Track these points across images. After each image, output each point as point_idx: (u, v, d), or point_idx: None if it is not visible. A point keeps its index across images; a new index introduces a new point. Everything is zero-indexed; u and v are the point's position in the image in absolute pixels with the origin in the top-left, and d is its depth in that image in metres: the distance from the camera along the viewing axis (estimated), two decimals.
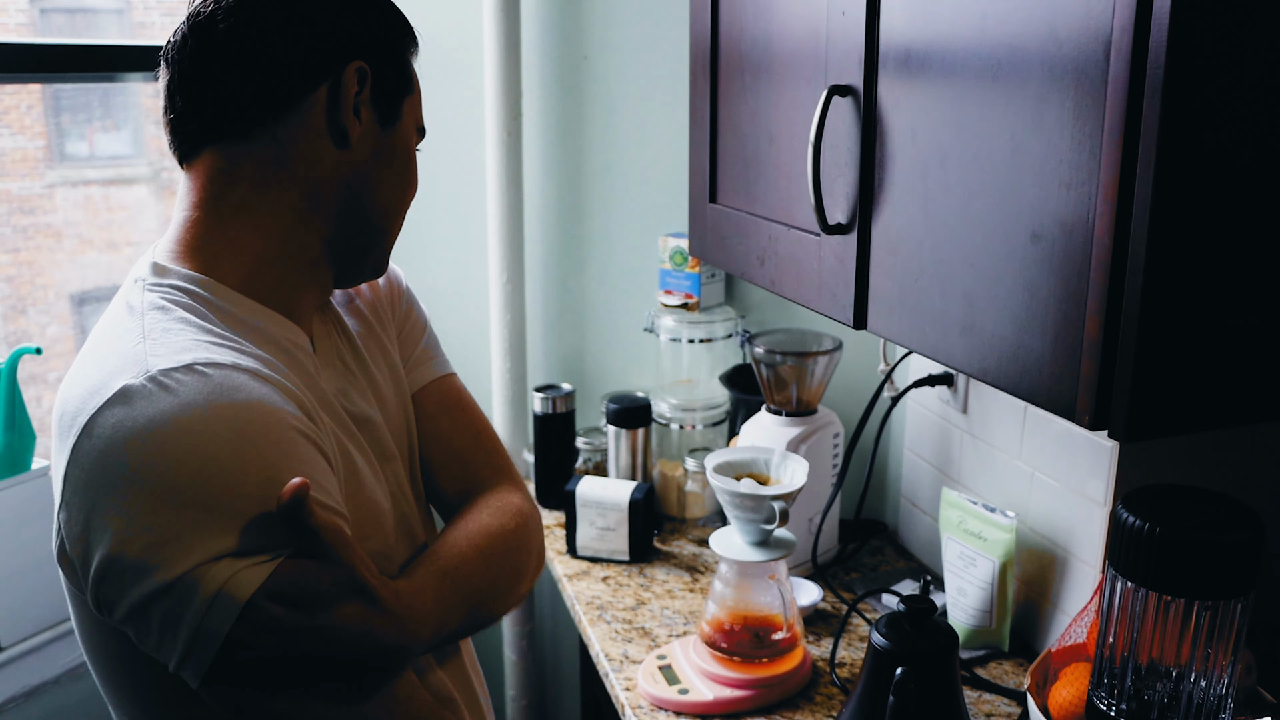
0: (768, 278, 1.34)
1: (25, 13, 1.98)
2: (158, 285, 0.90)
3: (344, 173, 0.93)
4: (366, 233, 0.97)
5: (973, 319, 0.96)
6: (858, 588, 1.70)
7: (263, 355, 0.88)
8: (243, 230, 0.91)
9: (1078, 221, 0.82)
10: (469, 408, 1.17)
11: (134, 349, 0.82)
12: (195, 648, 0.78)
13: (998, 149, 0.91)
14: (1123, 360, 0.80)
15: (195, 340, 0.84)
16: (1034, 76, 0.86)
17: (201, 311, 0.88)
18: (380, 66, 0.93)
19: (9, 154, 2.00)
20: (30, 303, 2.10)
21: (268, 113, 0.90)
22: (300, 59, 0.89)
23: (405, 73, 0.97)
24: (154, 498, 0.77)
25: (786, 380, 1.68)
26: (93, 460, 0.78)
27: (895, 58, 1.04)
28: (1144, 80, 0.75)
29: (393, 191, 0.98)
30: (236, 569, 0.78)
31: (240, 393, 0.81)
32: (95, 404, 0.79)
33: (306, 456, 0.84)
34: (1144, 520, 0.93)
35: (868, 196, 1.11)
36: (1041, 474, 1.45)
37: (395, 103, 0.96)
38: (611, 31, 1.95)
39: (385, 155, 0.95)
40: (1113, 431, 0.81)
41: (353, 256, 0.99)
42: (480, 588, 0.98)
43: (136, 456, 0.77)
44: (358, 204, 0.95)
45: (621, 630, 1.57)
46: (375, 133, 0.94)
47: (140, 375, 0.79)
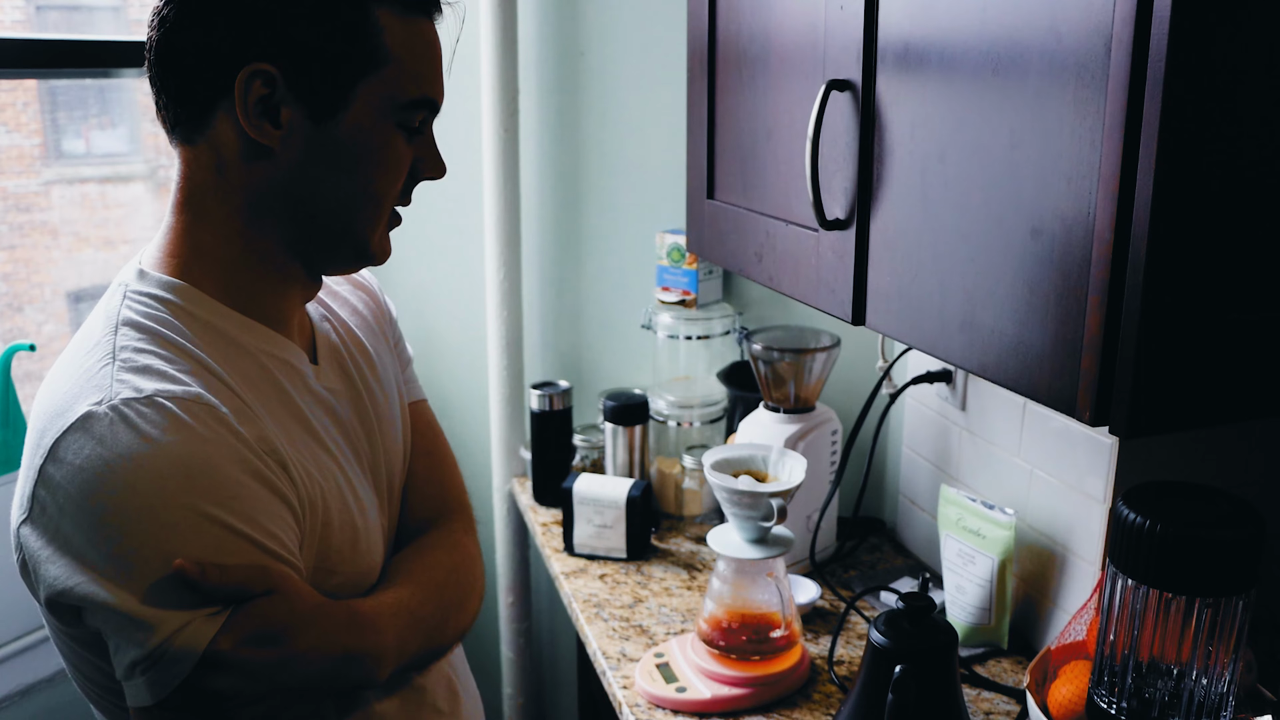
0: (766, 274, 1.34)
1: (21, 9, 1.98)
2: (137, 295, 0.90)
3: (277, 176, 0.89)
4: (323, 233, 0.93)
5: (972, 314, 0.95)
6: (856, 585, 1.69)
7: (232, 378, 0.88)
8: (206, 236, 0.91)
9: (1078, 217, 0.82)
10: (437, 436, 1.20)
11: (101, 370, 0.84)
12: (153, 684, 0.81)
13: (997, 144, 0.91)
14: (1123, 356, 0.79)
15: (162, 365, 0.85)
16: (1034, 71, 0.85)
17: (176, 325, 0.88)
18: (297, 58, 0.86)
19: (5, 151, 2.00)
20: (27, 300, 2.10)
21: (195, 119, 0.89)
22: (202, 67, 0.86)
23: (354, 53, 0.87)
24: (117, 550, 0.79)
25: (784, 377, 1.68)
26: (59, 500, 0.80)
27: (894, 52, 1.04)
28: (1145, 75, 0.74)
29: (341, 187, 0.91)
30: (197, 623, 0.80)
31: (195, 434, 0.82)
32: (60, 426, 0.81)
33: (253, 500, 0.84)
34: (1145, 517, 0.92)
35: (866, 192, 1.11)
36: (1040, 471, 1.45)
37: (337, 91, 0.88)
38: (609, 27, 1.94)
39: (324, 151, 0.89)
40: (1113, 427, 0.81)
41: (321, 254, 0.96)
42: (433, 619, 1.01)
43: (98, 507, 0.79)
44: (302, 208, 0.91)
45: (619, 628, 1.56)
46: (306, 131, 0.88)
47: (104, 403, 0.81)
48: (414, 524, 1.12)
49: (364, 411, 1.04)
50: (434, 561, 1.06)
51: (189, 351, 0.87)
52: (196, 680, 0.80)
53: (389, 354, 1.14)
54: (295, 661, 0.85)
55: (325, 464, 0.96)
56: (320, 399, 0.99)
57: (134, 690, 0.81)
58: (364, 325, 1.12)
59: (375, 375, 1.08)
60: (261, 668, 0.83)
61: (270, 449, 0.87)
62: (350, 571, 0.97)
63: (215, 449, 0.82)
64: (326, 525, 0.93)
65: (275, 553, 0.85)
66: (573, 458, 1.96)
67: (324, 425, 0.98)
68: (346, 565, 0.96)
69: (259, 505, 0.85)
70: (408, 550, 1.07)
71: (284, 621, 0.84)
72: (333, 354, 1.04)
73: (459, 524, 1.13)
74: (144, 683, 0.80)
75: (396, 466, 1.10)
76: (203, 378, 0.86)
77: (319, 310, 1.07)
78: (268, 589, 0.84)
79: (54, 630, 0.90)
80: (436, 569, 1.05)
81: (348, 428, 1.02)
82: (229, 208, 0.91)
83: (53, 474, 0.80)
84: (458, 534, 1.12)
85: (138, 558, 0.79)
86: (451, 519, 1.13)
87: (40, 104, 2.05)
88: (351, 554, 0.97)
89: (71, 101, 2.12)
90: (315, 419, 0.97)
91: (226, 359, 0.89)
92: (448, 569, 1.06)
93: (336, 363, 1.04)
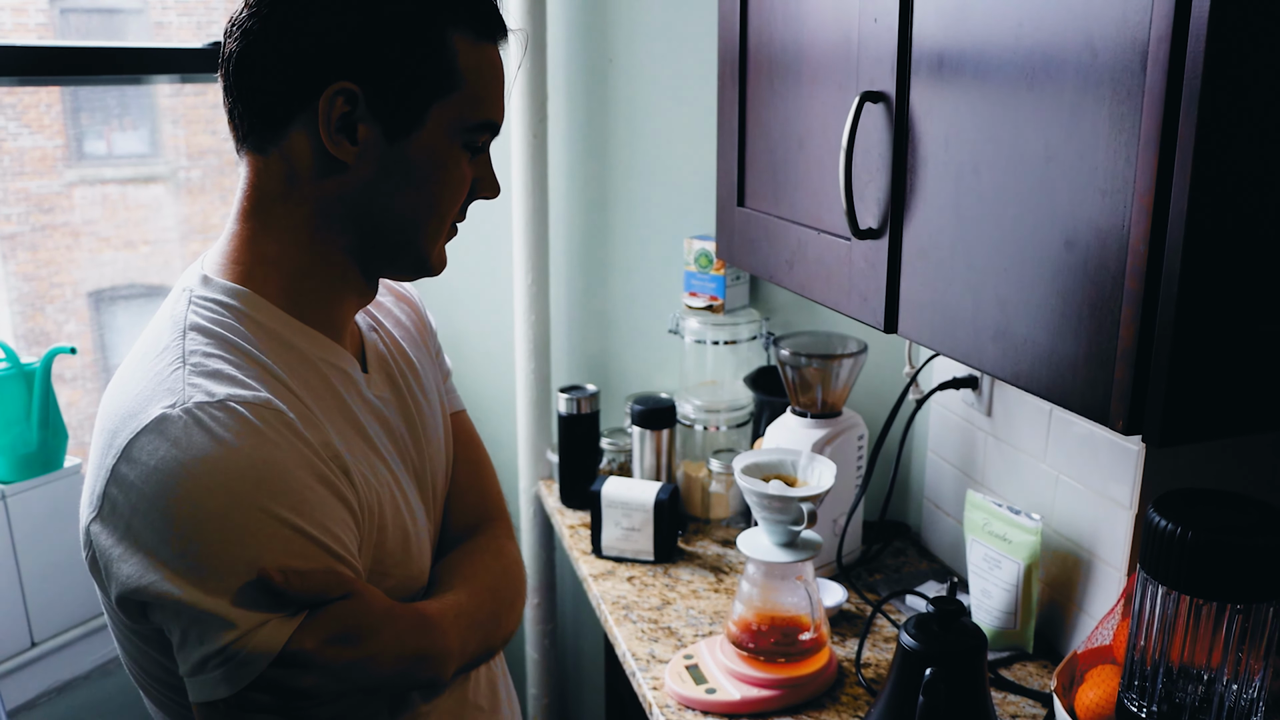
0: (797, 281, 1.35)
1: (45, 13, 1.99)
2: (202, 300, 0.92)
3: (348, 190, 0.92)
4: (387, 244, 0.96)
5: (1005, 324, 0.97)
6: (882, 589, 1.71)
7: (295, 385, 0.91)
8: (271, 244, 0.93)
9: (1113, 229, 0.83)
10: (477, 445, 1.22)
11: (173, 374, 0.86)
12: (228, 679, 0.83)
13: (1032, 156, 0.92)
14: (1157, 366, 0.81)
15: (232, 370, 0.87)
16: (1069, 85, 0.87)
17: (241, 331, 0.90)
18: (379, 79, 0.88)
19: (28, 153, 2.02)
20: (48, 301, 2.12)
21: (270, 130, 0.91)
22: (283, 81, 0.88)
23: (431, 76, 0.90)
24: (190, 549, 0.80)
25: (811, 382, 1.69)
26: (133, 499, 0.82)
27: (928, 64, 1.05)
28: (1181, 90, 0.76)
29: (409, 204, 0.94)
30: (274, 623, 0.83)
31: (266, 438, 0.84)
32: (133, 428, 0.83)
33: (321, 504, 0.87)
34: (1176, 524, 0.93)
35: (899, 202, 1.12)
36: (1066, 477, 1.46)
37: (411, 112, 0.90)
38: (638, 33, 1.96)
39: (396, 169, 0.92)
40: (1147, 436, 0.82)
41: (383, 263, 0.99)
42: (488, 621, 1.04)
43: (172, 507, 0.80)
44: (369, 220, 0.93)
45: (648, 630, 1.58)
46: (380, 148, 0.90)
47: (178, 406, 0.83)
48: (457, 531, 1.14)
49: (411, 420, 1.06)
50: (484, 566, 1.08)
51: (255, 357, 0.89)
52: (280, 679, 0.83)
53: (431, 365, 1.16)
54: (372, 661, 0.87)
55: (380, 470, 0.98)
56: (372, 407, 1.01)
57: (203, 685, 0.83)
58: (408, 336, 1.14)
59: (420, 385, 1.10)
60: (342, 668, 0.85)
61: (334, 455, 0.89)
62: (402, 575, 0.99)
63: (285, 454, 0.84)
64: (381, 530, 0.96)
65: (341, 555, 0.87)
66: (600, 461, 1.98)
67: (376, 433, 1.00)
68: (399, 569, 0.99)
69: (326, 509, 0.87)
70: (457, 555, 1.09)
71: (361, 623, 0.87)
72: (381, 363, 1.06)
73: (501, 530, 1.16)
74: (218, 677, 0.82)
75: (440, 474, 1.12)
76: (269, 384, 0.88)
77: (366, 320, 1.09)
78: (345, 592, 0.86)
79: (118, 625, 0.92)
80: (487, 573, 1.07)
81: (397, 436, 1.04)
82: (296, 218, 0.93)
83: (126, 474, 0.82)
84: (501, 539, 1.14)
85: (211, 557, 0.80)
86: (494, 525, 1.16)
87: (63, 105, 2.06)
88: (404, 558, 0.99)
89: (93, 103, 2.12)
90: (369, 426, 0.99)
91: (288, 365, 0.92)
92: (497, 573, 1.09)
93: (385, 372, 1.06)
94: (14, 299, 2.05)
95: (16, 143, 1.99)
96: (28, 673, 1.64)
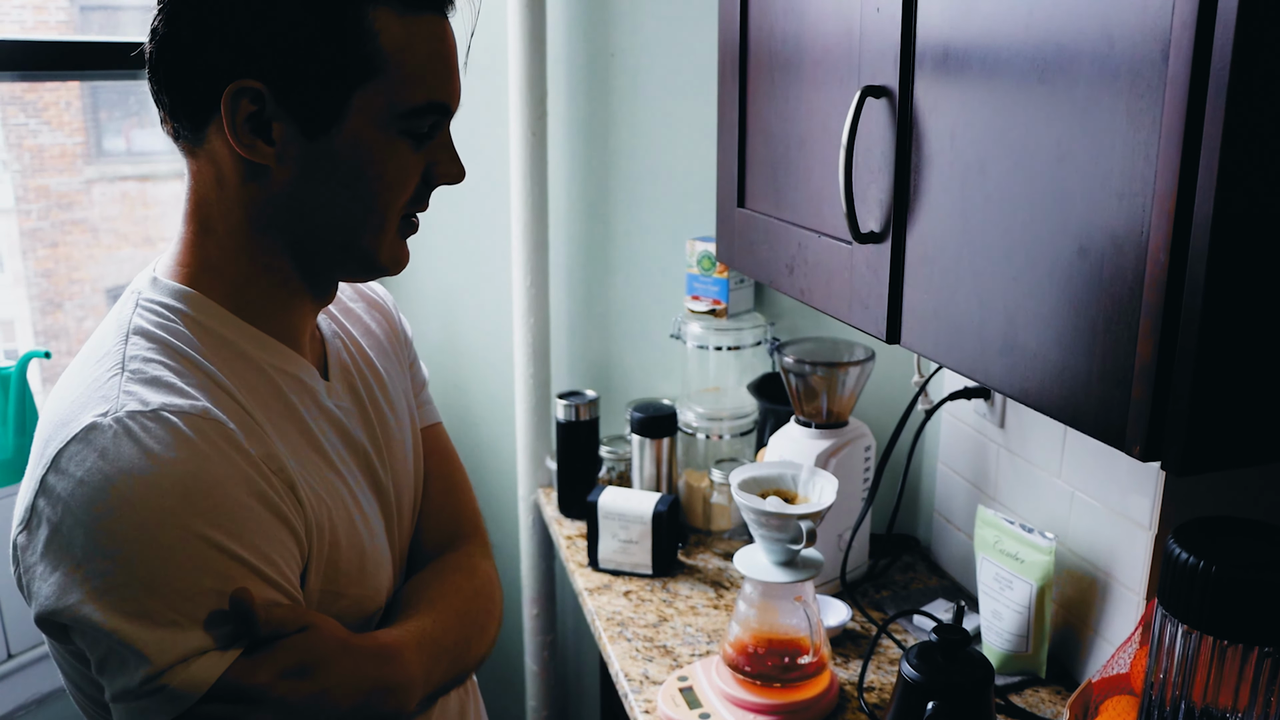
0: (797, 287, 1.28)
1: (66, 10, 2.02)
2: (149, 303, 0.88)
3: (276, 192, 0.86)
4: (327, 247, 0.89)
5: (1014, 337, 0.90)
6: (888, 607, 1.64)
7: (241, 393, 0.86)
8: (213, 248, 0.89)
9: (1130, 235, 0.76)
10: (452, 460, 1.17)
11: (110, 380, 0.81)
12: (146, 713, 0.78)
13: (1043, 155, 0.85)
14: (1178, 387, 0.73)
15: (171, 377, 0.82)
16: (1083, 77, 0.80)
17: (186, 336, 0.86)
18: (285, 72, 0.81)
19: (48, 150, 2.02)
20: (67, 297, 2.12)
21: (192, 133, 0.86)
22: (191, 86, 0.83)
23: (345, 63, 0.82)
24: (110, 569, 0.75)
25: (816, 391, 1.62)
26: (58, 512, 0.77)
27: (933, 57, 0.98)
28: (1207, 81, 0.69)
29: (342, 203, 0.86)
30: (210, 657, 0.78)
31: (200, 451, 0.79)
32: (64, 436, 0.79)
33: (258, 526, 0.81)
34: (1198, 557, 0.86)
35: (903, 204, 1.05)
36: (1082, 493, 1.39)
37: (328, 104, 0.83)
38: (640, 27, 1.90)
39: (322, 167, 0.84)
40: (1167, 463, 0.75)
41: (327, 266, 0.92)
42: (456, 647, 0.98)
43: (95, 522, 0.75)
44: (303, 223, 0.87)
45: (642, 649, 1.52)
46: (300, 147, 0.84)
47: (110, 414, 0.78)
48: (429, 549, 1.09)
49: (373, 431, 1.01)
50: (453, 586, 1.03)
51: (198, 364, 0.84)
52: (230, 715, 0.78)
53: (401, 375, 1.11)
54: (328, 695, 0.82)
55: (333, 484, 0.93)
56: (331, 416, 0.96)
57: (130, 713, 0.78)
58: (376, 345, 1.09)
59: (386, 396, 1.05)
60: (298, 703, 0.81)
61: (278, 468, 0.84)
62: (357, 594, 0.94)
63: (220, 468, 0.79)
64: (334, 547, 0.91)
65: (274, 580, 0.82)
66: (599, 469, 1.91)
67: (333, 444, 0.95)
68: (354, 587, 0.94)
69: (261, 530, 0.81)
70: (425, 575, 1.04)
71: (317, 656, 0.82)
72: (343, 372, 1.01)
73: (475, 548, 1.10)
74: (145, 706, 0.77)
75: (407, 488, 1.06)
76: (211, 392, 0.83)
77: (331, 326, 1.03)
78: (302, 625, 0.82)
79: (49, 644, 0.87)
80: (456, 595, 1.02)
81: (357, 448, 0.98)
82: (231, 221, 0.88)
83: (53, 485, 0.77)
84: (475, 558, 1.09)
85: (134, 580, 0.75)
86: (468, 543, 1.10)
87: (83, 103, 2.07)
88: (359, 576, 0.94)
89: (113, 100, 2.14)
90: (324, 437, 0.94)
91: (236, 373, 0.87)
92: (467, 595, 1.03)
93: (346, 381, 1.01)
94: (33, 295, 2.06)
95: (37, 140, 2.00)
96: (4, 685, 1.60)
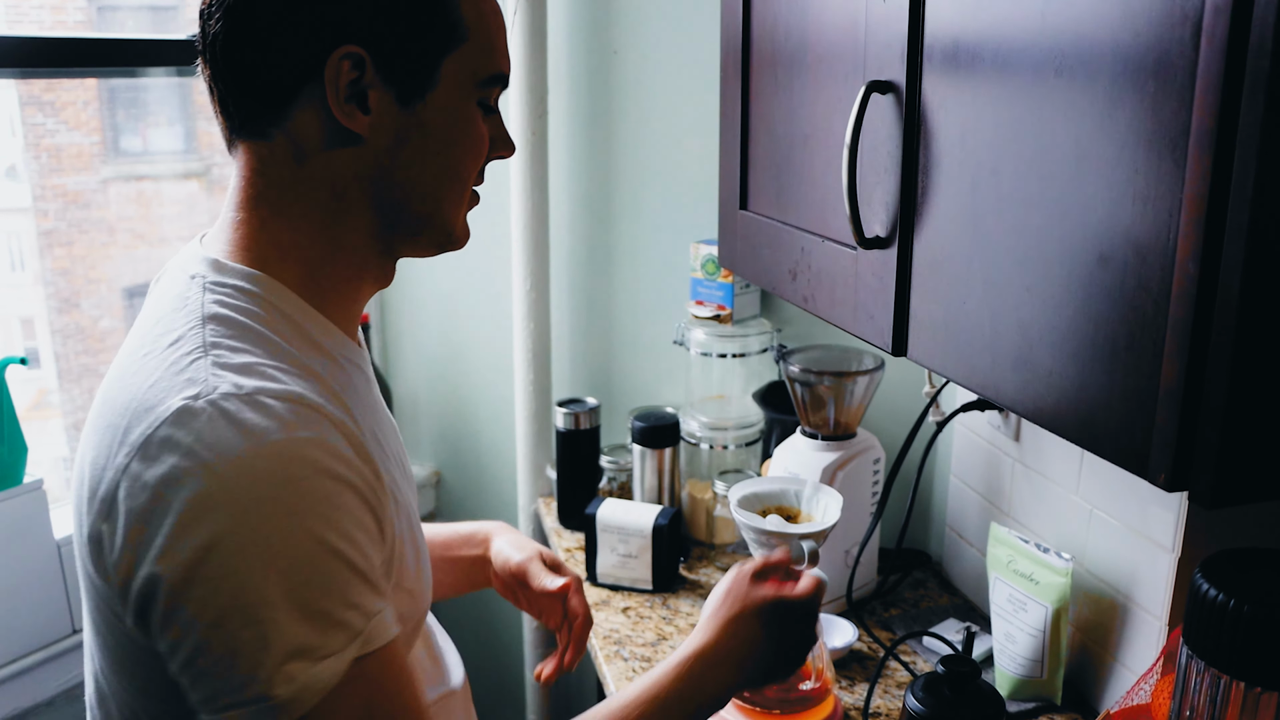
0: (800, 294, 1.22)
1: (83, 10, 2.03)
2: (219, 286, 0.82)
3: (364, 165, 0.84)
4: (410, 218, 0.89)
5: (1028, 352, 0.83)
6: (897, 627, 1.57)
7: (325, 377, 0.82)
8: (285, 231, 0.85)
9: (1155, 243, 0.69)
10: None
11: (193, 364, 0.76)
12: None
13: (1060, 156, 0.78)
14: (1208, 410, 0.67)
15: (258, 361, 0.78)
16: (1104, 71, 0.73)
17: (264, 318, 0.82)
18: (386, 40, 0.81)
19: (65, 149, 2.03)
20: (84, 296, 2.13)
21: (272, 112, 0.83)
22: (282, 56, 0.81)
23: (437, 30, 0.84)
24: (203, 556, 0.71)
25: (823, 401, 1.56)
26: (144, 498, 0.72)
27: (942, 50, 0.92)
28: (1243, 73, 0.62)
29: (430, 171, 0.87)
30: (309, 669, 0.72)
31: (297, 438, 0.74)
32: (150, 421, 0.74)
33: (351, 511, 0.77)
34: (1227, 594, 0.79)
35: (910, 207, 0.99)
36: (1101, 512, 1.31)
37: (424, 71, 0.84)
38: (644, 23, 1.84)
39: (413, 134, 0.85)
40: (1195, 495, 0.68)
41: (405, 241, 0.91)
42: None
43: (185, 504, 0.71)
44: (389, 195, 0.86)
45: (639, 669, 1.46)
46: (395, 114, 0.83)
47: (201, 397, 0.74)
48: None
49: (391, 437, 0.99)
50: None
51: (283, 349, 0.81)
52: None
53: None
54: None
55: (396, 477, 0.90)
56: (383, 410, 0.95)
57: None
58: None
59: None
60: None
61: (366, 457, 0.79)
62: (415, 589, 0.92)
63: (316, 453, 0.75)
64: (401, 540, 0.87)
65: (364, 572, 0.76)
66: (599, 480, 1.85)
67: (389, 436, 0.93)
68: (411, 581, 0.90)
69: (354, 518, 0.76)
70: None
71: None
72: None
73: None
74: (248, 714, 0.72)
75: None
76: (300, 377, 0.79)
77: None
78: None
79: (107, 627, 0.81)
80: None
81: (399, 447, 0.97)
82: (309, 202, 0.85)
83: (139, 472, 0.73)
84: None
85: (226, 568, 0.70)
86: None
87: (100, 102, 2.08)
88: (418, 573, 0.92)
89: (130, 100, 2.15)
90: (383, 430, 0.92)
91: (314, 360, 0.84)
92: None
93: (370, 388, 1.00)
94: (50, 294, 2.07)
95: (54, 139, 2.01)
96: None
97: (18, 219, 2.12)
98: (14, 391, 1.55)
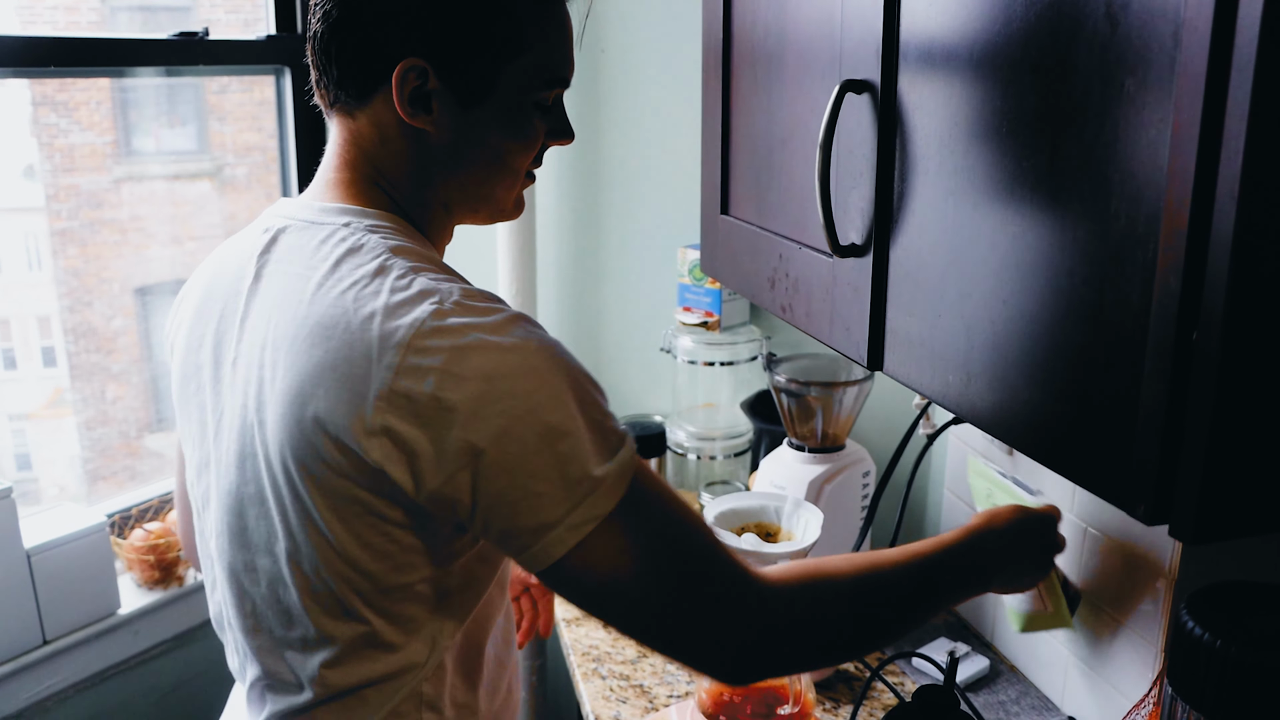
0: (778, 303, 1.17)
1: (97, 10, 2.10)
2: (376, 227, 0.91)
3: (429, 153, 0.95)
4: (470, 198, 0.99)
5: (1002, 369, 0.78)
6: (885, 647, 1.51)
7: None
8: (387, 191, 0.96)
9: (1135, 253, 0.64)
10: None
11: (414, 280, 0.84)
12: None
13: (1037, 158, 0.73)
14: (1192, 438, 0.61)
15: (447, 276, 0.87)
16: (1081, 67, 0.68)
17: (420, 252, 0.91)
18: (448, 51, 0.91)
19: (78, 149, 2.07)
20: (96, 295, 2.17)
21: (355, 100, 0.94)
22: (358, 62, 0.92)
23: (498, 43, 0.92)
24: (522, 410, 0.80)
25: (811, 411, 1.50)
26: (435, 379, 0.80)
27: (918, 48, 0.87)
28: (1229, 67, 0.56)
29: (486, 162, 0.97)
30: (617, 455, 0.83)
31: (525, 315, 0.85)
32: (404, 326, 0.81)
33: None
34: (1213, 634, 0.73)
35: (885, 214, 0.93)
36: (1095, 529, 1.26)
37: (483, 79, 0.93)
38: (631, 21, 1.80)
39: (473, 132, 0.94)
40: (1176, 529, 0.63)
41: (467, 211, 1.01)
42: None
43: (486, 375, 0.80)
44: (451, 177, 0.97)
45: (616, 688, 1.41)
46: (455, 115, 0.93)
47: (445, 301, 0.82)
48: None
49: None
50: None
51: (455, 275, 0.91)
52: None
53: None
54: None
55: None
56: None
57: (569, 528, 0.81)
58: None
59: None
60: None
61: None
62: None
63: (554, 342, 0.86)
64: None
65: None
66: None
67: None
68: None
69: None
70: None
71: None
72: None
73: None
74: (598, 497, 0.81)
75: None
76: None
77: None
78: None
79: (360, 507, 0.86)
80: None
81: None
82: (402, 169, 0.96)
83: (419, 364, 0.80)
84: None
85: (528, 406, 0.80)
86: None
87: (113, 102, 2.12)
88: None
89: (142, 100, 2.19)
90: None
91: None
92: None
93: None
94: (63, 294, 2.11)
95: (67, 139, 2.06)
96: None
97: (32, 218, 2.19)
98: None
